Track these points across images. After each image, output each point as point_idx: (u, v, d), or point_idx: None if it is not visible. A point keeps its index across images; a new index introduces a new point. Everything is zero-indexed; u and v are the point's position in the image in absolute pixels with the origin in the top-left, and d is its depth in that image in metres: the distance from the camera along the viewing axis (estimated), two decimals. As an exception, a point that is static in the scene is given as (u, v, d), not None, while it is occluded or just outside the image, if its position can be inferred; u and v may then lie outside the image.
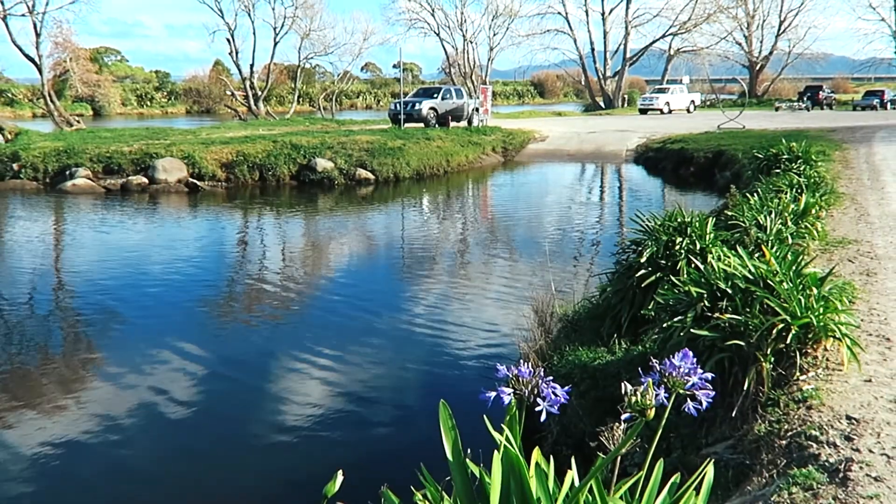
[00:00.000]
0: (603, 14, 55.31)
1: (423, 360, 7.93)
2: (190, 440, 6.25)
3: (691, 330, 4.39)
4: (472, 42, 54.98)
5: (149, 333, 8.78)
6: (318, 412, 6.63)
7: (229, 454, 5.98)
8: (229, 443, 6.17)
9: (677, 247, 6.28)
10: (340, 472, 1.97)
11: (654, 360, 2.12)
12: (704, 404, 2.03)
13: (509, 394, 2.07)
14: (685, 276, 5.18)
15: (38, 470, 5.65)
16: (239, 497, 5.29)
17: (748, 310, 4.32)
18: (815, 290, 4.45)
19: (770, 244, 6.10)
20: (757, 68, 60.88)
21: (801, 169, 11.21)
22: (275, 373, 7.62)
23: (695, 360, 2.08)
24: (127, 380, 7.36)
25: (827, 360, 4.34)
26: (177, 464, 5.87)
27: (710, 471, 2.30)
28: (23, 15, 35.30)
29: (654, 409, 1.99)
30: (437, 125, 30.35)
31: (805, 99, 47.71)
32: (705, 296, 4.60)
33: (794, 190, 9.17)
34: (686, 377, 2.04)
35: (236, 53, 48.19)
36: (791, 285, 4.45)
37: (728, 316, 4.32)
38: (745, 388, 4.14)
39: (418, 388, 7.24)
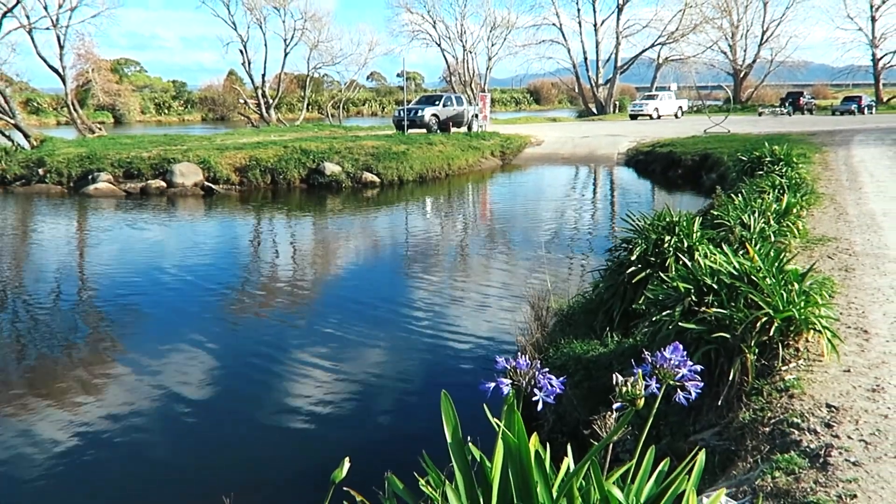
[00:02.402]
0: (595, 25, 55.28)
1: (425, 352, 7.93)
2: (203, 428, 6.25)
3: (679, 323, 4.39)
4: (471, 52, 54.98)
5: (168, 326, 8.79)
6: (326, 402, 6.63)
7: (241, 441, 5.98)
8: (241, 431, 6.17)
9: (666, 245, 6.27)
10: (347, 459, 1.97)
11: (645, 353, 2.12)
12: (693, 395, 2.03)
13: (508, 384, 2.07)
14: (673, 272, 5.17)
15: (61, 454, 5.66)
16: (250, 482, 5.29)
17: (733, 304, 4.32)
18: (796, 286, 4.45)
19: (754, 242, 6.09)
20: (741, 75, 60.83)
21: (783, 171, 11.20)
22: (285, 364, 7.62)
23: (684, 352, 2.08)
24: (146, 368, 7.37)
25: (808, 351, 4.33)
26: (190, 449, 5.87)
27: (701, 457, 2.30)
28: (47, 28, 35.27)
29: (643, 399, 1.99)
30: (438, 131, 30.32)
31: (787, 104, 47.64)
32: (692, 291, 4.59)
33: (777, 190, 9.16)
34: (676, 369, 2.03)
35: (249, 64, 48.24)
36: (774, 281, 4.44)
37: (714, 310, 4.32)
38: (731, 378, 4.14)
39: (421, 379, 7.24)
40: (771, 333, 4.17)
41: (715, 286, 4.52)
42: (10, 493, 5.20)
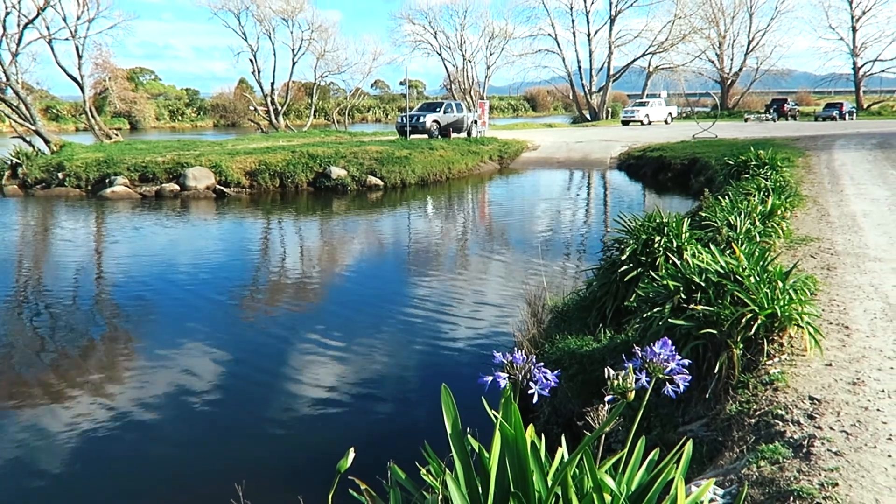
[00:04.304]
0: (589, 35, 55.29)
1: (426, 347, 7.93)
2: (214, 420, 6.25)
3: (669, 320, 4.39)
4: (470, 61, 54.89)
5: (181, 321, 8.78)
6: (332, 395, 6.63)
7: (250, 433, 5.98)
8: (250, 423, 6.17)
9: (656, 245, 6.27)
10: (352, 449, 1.97)
11: (636, 348, 2.12)
12: (682, 388, 2.03)
13: (505, 378, 2.07)
14: (663, 271, 5.17)
15: (77, 442, 5.67)
16: (260, 471, 5.30)
17: (720, 301, 4.32)
18: (780, 284, 4.45)
19: (740, 242, 6.09)
20: (728, 83, 60.81)
21: (768, 174, 11.20)
22: (293, 359, 7.62)
23: (673, 347, 2.08)
24: (159, 361, 7.37)
25: (791, 346, 4.33)
26: (202, 440, 5.87)
27: (688, 447, 2.30)
28: (66, 39, 35.31)
29: (634, 392, 1.99)
30: (439, 136, 30.32)
31: (771, 111, 47.63)
32: (681, 289, 4.59)
33: (762, 193, 9.16)
34: (665, 363, 2.04)
35: (258, 72, 48.25)
36: (759, 279, 4.44)
37: (702, 307, 4.32)
38: (718, 372, 4.14)
39: (422, 374, 7.24)
40: (756, 329, 4.17)
41: (703, 284, 4.52)
42: (30, 477, 5.21)
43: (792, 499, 2.78)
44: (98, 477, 5.36)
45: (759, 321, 4.17)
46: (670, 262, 5.57)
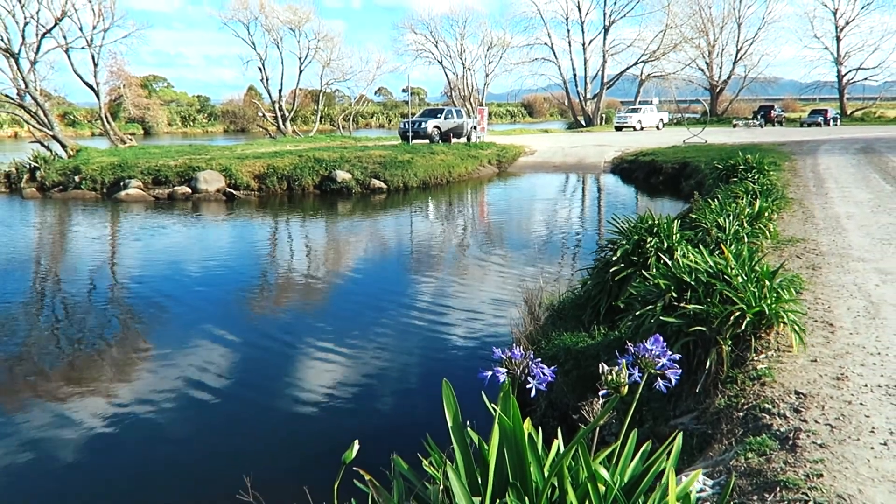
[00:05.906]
0: (583, 44, 55.27)
1: (427, 344, 7.92)
2: (223, 414, 6.25)
3: (660, 317, 4.39)
4: (470, 69, 54.96)
5: (191, 318, 8.78)
6: (337, 390, 6.63)
7: (258, 427, 5.98)
8: (258, 417, 6.17)
9: (648, 245, 6.27)
10: (357, 441, 1.97)
11: (629, 344, 2.12)
12: (673, 382, 2.03)
13: (504, 373, 2.07)
14: (655, 270, 5.17)
15: (91, 435, 5.67)
16: (268, 463, 5.30)
17: (709, 300, 4.32)
18: (767, 283, 4.45)
19: (728, 243, 6.09)
20: (717, 90, 60.83)
21: (756, 177, 11.20)
22: (299, 356, 7.62)
23: (664, 343, 2.08)
24: (170, 357, 7.37)
25: (778, 343, 4.33)
26: (211, 433, 5.87)
27: (679, 439, 2.30)
28: (82, 48, 35.33)
29: (627, 387, 1.99)
30: (440, 141, 30.33)
31: (759, 117, 47.60)
32: (672, 288, 4.59)
33: (750, 196, 9.15)
34: (657, 359, 2.04)
35: (266, 80, 48.20)
36: (746, 278, 4.44)
37: (692, 305, 4.32)
38: (707, 367, 4.14)
39: (424, 369, 7.24)
40: (744, 327, 4.17)
41: (693, 283, 4.52)
42: (42, 470, 5.21)
43: (779, 489, 2.78)
44: (111, 465, 5.36)
45: (747, 319, 4.17)
46: (661, 262, 5.56)
